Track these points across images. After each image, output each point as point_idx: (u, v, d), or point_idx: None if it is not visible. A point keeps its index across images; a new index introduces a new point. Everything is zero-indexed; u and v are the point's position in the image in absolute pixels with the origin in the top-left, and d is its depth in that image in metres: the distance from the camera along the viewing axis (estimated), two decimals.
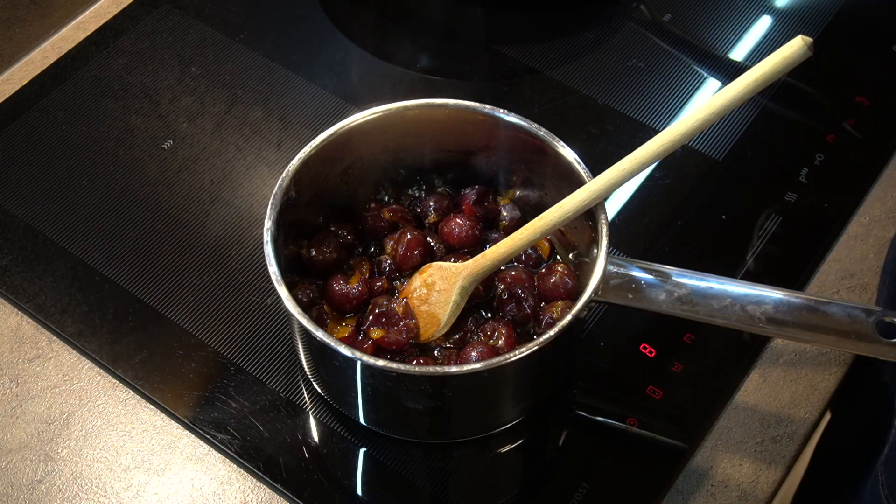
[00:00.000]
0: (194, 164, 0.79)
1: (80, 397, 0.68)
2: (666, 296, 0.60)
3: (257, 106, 0.82)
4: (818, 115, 0.83)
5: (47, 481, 0.64)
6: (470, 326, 0.64)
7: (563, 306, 0.64)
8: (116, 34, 0.87)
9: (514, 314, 0.64)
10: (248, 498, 0.64)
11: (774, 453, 0.66)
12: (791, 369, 0.70)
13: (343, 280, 0.65)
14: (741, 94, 0.56)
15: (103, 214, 0.76)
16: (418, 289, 0.64)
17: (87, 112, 0.82)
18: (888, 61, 0.85)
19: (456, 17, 0.90)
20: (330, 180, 0.67)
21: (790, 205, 0.76)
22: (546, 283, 0.65)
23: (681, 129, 0.58)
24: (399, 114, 0.66)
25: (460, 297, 0.63)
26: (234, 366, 0.68)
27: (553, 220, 0.61)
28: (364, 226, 0.69)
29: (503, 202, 0.70)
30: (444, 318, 0.63)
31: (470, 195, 0.69)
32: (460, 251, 0.67)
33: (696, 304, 0.60)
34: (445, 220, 0.68)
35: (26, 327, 0.71)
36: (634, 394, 0.67)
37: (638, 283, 0.60)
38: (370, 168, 0.69)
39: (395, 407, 0.63)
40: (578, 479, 0.64)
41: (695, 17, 0.90)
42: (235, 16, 0.89)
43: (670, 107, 0.83)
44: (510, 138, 0.66)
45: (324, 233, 0.67)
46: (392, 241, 0.67)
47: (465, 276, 0.62)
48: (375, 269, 0.67)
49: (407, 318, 0.62)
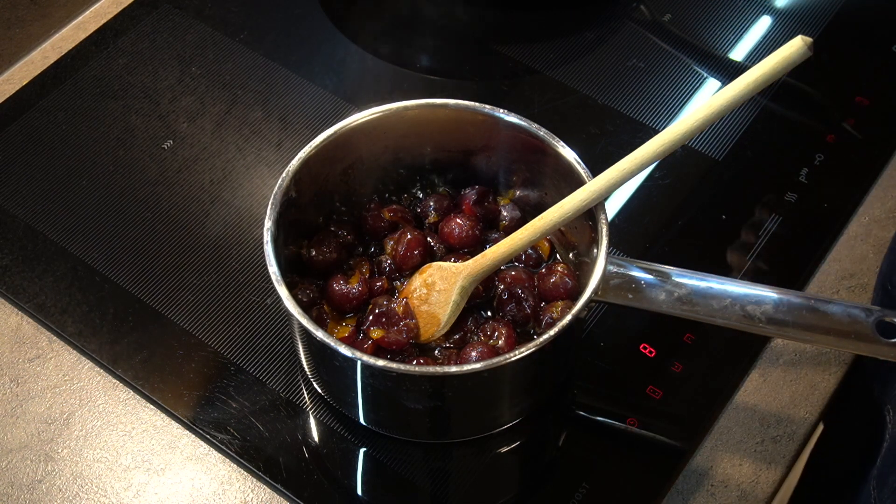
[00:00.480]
0: (194, 164, 0.79)
1: (80, 397, 0.68)
2: (666, 296, 0.60)
3: (257, 106, 0.82)
4: (818, 115, 0.83)
5: (47, 481, 0.64)
6: (470, 326, 0.64)
7: (563, 306, 0.64)
8: (116, 34, 0.87)
9: (514, 314, 0.64)
10: (248, 498, 0.64)
11: (774, 453, 0.66)
12: (791, 369, 0.70)
13: (343, 280, 0.65)
14: (741, 94, 0.56)
15: (103, 214, 0.76)
16: (418, 289, 0.64)
17: (87, 112, 0.82)
18: (888, 61, 0.85)
19: (456, 17, 0.90)
20: (330, 180, 0.67)
21: (790, 205, 0.76)
22: (546, 283, 0.65)
23: (681, 129, 0.58)
24: (399, 114, 0.66)
25: (460, 297, 0.63)
26: (234, 366, 0.68)
27: (553, 220, 0.61)
28: (364, 226, 0.69)
29: (503, 202, 0.70)
30: (444, 318, 0.63)
31: (470, 195, 0.69)
32: (460, 251, 0.67)
33: (696, 304, 0.60)
34: (445, 220, 0.68)
35: (26, 327, 0.71)
36: (634, 394, 0.67)
37: (638, 283, 0.60)
38: (370, 168, 0.69)
39: (395, 407, 0.63)
40: (578, 479, 0.64)
41: (695, 17, 0.90)
42: (235, 16, 0.89)
43: (670, 107, 0.83)
44: (510, 138, 0.66)
45: (324, 233, 0.67)
46: (392, 241, 0.67)
47: (465, 276, 0.62)
48: (375, 269, 0.67)
49: (407, 318, 0.62)
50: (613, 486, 0.64)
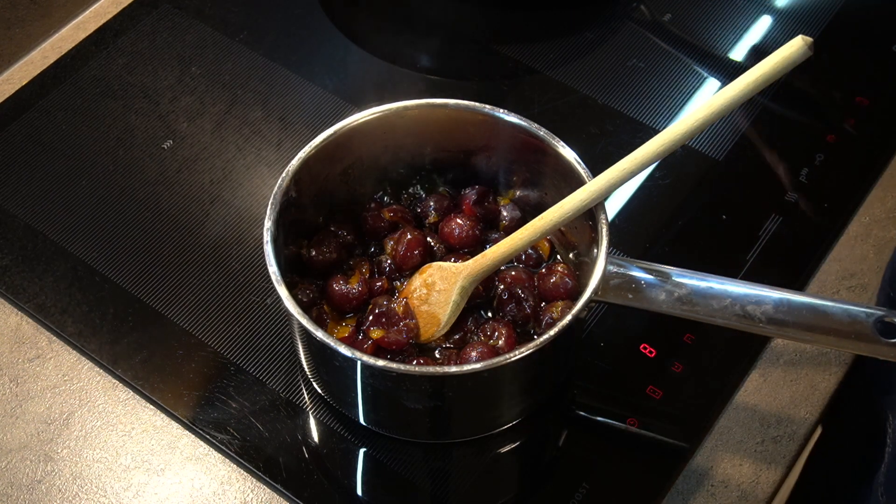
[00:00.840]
0: (194, 164, 0.79)
1: (80, 397, 0.68)
2: (666, 296, 0.60)
3: (257, 106, 0.82)
4: (818, 115, 0.83)
5: (47, 481, 0.64)
6: (470, 326, 0.64)
7: (563, 306, 0.64)
8: (116, 34, 0.87)
9: (514, 314, 0.64)
10: (248, 498, 0.64)
11: (774, 453, 0.66)
12: (791, 369, 0.70)
13: (343, 280, 0.65)
14: (741, 94, 0.56)
15: (103, 214, 0.76)
16: (418, 289, 0.64)
17: (87, 112, 0.82)
18: (888, 61, 0.85)
19: (456, 17, 0.90)
20: (330, 180, 0.67)
21: (790, 205, 0.76)
22: (546, 283, 0.65)
23: (681, 129, 0.58)
24: (399, 114, 0.66)
25: (460, 297, 0.63)
26: (234, 366, 0.68)
27: (553, 220, 0.61)
28: (364, 226, 0.69)
29: (503, 202, 0.70)
30: (444, 318, 0.63)
31: (470, 195, 0.69)
32: (460, 251, 0.67)
33: (696, 304, 0.60)
34: (445, 221, 0.68)
35: (26, 327, 0.71)
36: (634, 394, 0.67)
37: (638, 283, 0.60)
38: (370, 168, 0.69)
39: (395, 407, 0.62)
40: (578, 479, 0.64)
41: (695, 17, 0.90)
42: (235, 16, 0.89)
43: (670, 107, 0.83)
44: (510, 138, 0.66)
45: (324, 233, 0.67)
46: (392, 241, 0.67)
47: (465, 276, 0.62)
48: (375, 269, 0.67)
49: (407, 318, 0.62)
50: (613, 486, 0.64)
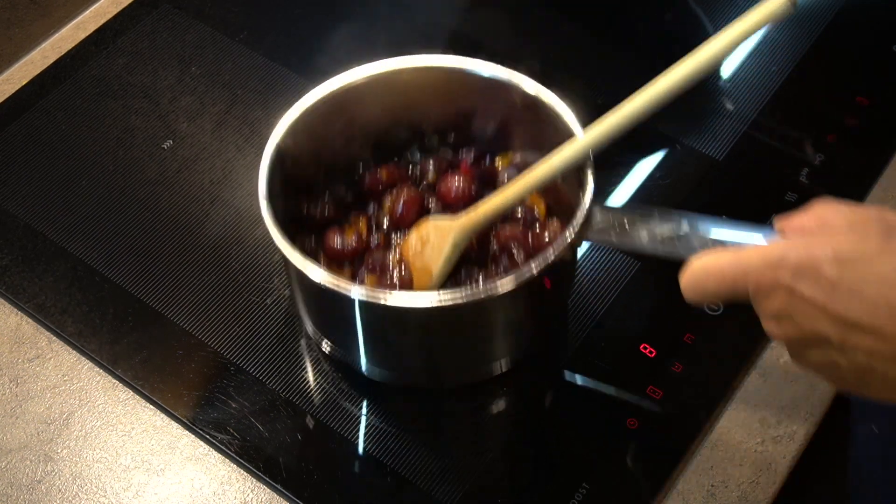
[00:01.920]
0: (194, 164, 0.79)
1: (80, 397, 0.68)
2: (648, 234, 0.60)
3: (257, 106, 0.82)
4: (818, 115, 0.83)
5: (47, 481, 0.64)
6: (464, 280, 0.65)
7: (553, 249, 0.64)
8: (116, 34, 0.87)
9: (505, 266, 0.65)
10: (248, 498, 0.64)
11: (774, 453, 0.66)
12: (791, 369, 0.69)
13: (339, 231, 0.66)
14: (724, 49, 0.57)
15: (103, 214, 0.76)
16: (414, 244, 0.65)
17: (87, 112, 0.82)
18: (888, 61, 0.85)
19: (458, 18, 0.90)
20: (329, 140, 0.67)
21: (790, 205, 0.76)
22: (541, 239, 0.66)
23: (663, 85, 0.57)
24: (397, 73, 0.67)
25: (452, 252, 0.63)
26: (234, 366, 0.68)
27: (543, 173, 0.61)
28: (362, 185, 0.70)
29: (502, 163, 0.70)
30: (436, 272, 0.63)
31: (468, 156, 0.70)
32: (457, 210, 0.67)
33: (677, 244, 0.59)
34: (442, 179, 0.69)
35: (26, 327, 0.71)
36: (634, 394, 0.67)
37: (622, 223, 0.60)
38: (369, 128, 0.69)
39: (385, 344, 0.64)
40: (578, 479, 0.63)
41: (694, 17, 0.90)
42: (235, 16, 0.89)
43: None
44: (508, 99, 0.66)
45: (322, 192, 0.68)
46: (390, 199, 0.68)
47: (457, 230, 0.63)
48: (373, 226, 0.68)
49: (401, 270, 0.63)
50: (613, 486, 0.64)
